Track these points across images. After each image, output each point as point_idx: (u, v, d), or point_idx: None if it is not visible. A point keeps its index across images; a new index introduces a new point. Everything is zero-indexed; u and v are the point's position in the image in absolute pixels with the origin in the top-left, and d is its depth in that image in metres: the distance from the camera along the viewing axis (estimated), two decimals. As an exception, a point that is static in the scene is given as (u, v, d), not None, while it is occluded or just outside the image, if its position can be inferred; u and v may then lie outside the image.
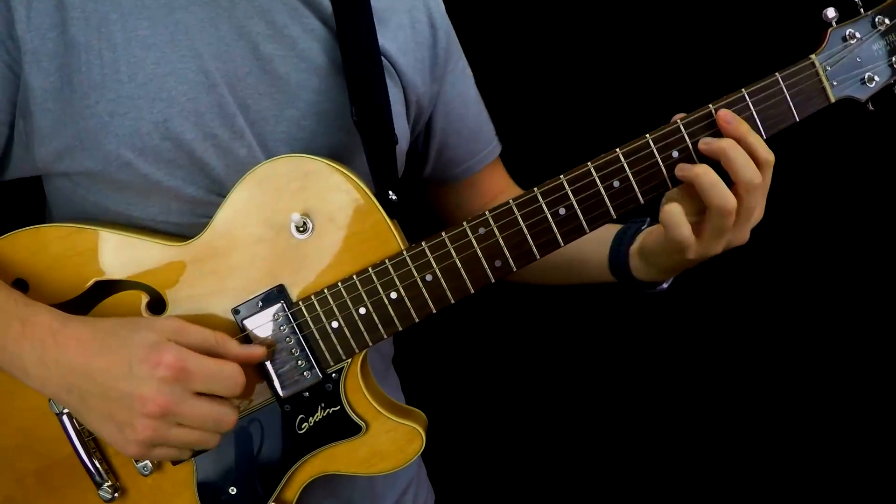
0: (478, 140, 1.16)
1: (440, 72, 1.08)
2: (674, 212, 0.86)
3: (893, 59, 0.91)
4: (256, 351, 0.88)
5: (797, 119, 0.90)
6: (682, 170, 0.87)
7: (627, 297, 1.04)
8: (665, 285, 1.03)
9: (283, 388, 0.91)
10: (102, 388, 0.80)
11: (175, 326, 0.83)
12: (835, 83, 0.90)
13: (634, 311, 1.72)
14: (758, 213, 0.89)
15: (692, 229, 0.87)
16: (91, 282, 0.90)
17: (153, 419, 0.80)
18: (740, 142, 0.86)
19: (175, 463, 0.92)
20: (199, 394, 0.82)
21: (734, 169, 0.85)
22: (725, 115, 0.87)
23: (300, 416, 0.92)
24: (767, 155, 0.87)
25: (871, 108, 0.92)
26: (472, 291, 0.90)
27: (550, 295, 1.09)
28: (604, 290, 1.04)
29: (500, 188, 1.20)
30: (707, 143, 0.87)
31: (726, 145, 0.86)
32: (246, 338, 0.90)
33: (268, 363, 0.90)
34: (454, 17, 1.12)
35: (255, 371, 0.90)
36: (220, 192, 0.92)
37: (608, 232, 1.04)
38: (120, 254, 0.91)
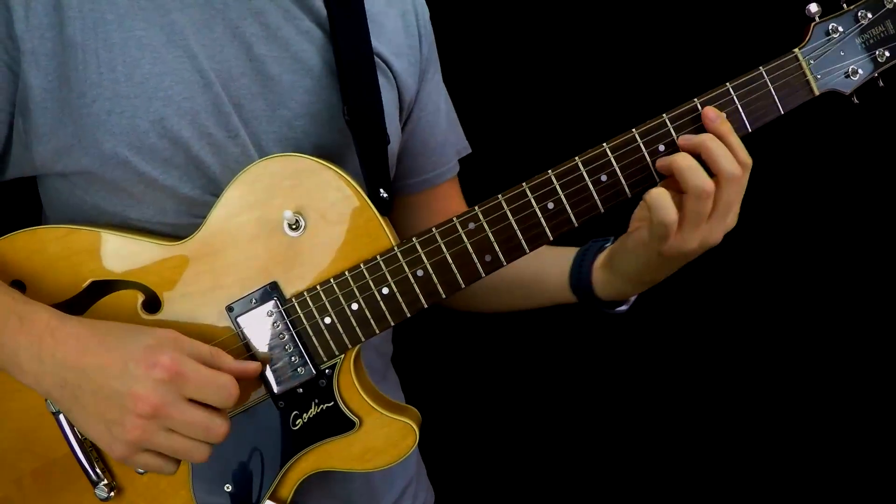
0: (442, 154, 1.16)
1: (421, 78, 1.09)
2: (660, 193, 0.86)
3: (876, 52, 0.93)
4: (251, 366, 0.88)
5: (782, 112, 0.91)
6: (662, 160, 0.88)
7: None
8: (625, 307, 1.02)
9: (276, 384, 0.91)
10: (96, 385, 0.81)
11: (172, 336, 0.84)
12: (819, 76, 0.92)
13: (634, 311, 1.72)
14: (732, 216, 0.89)
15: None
16: (88, 282, 0.92)
17: (143, 419, 0.80)
18: (722, 139, 0.87)
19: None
20: (192, 402, 0.82)
21: (714, 159, 0.86)
22: (710, 113, 0.87)
23: (294, 413, 0.93)
24: (746, 157, 0.87)
25: (855, 101, 0.94)
26: (463, 286, 0.91)
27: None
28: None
29: (455, 209, 1.18)
30: (687, 139, 0.88)
31: (706, 138, 0.86)
32: (243, 336, 0.91)
33: (262, 359, 0.91)
34: (439, 18, 1.13)
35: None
36: (215, 191, 0.93)
37: (568, 252, 1.03)
38: (116, 254, 0.92)
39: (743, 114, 0.90)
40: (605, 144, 0.89)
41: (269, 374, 0.91)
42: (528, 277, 1.06)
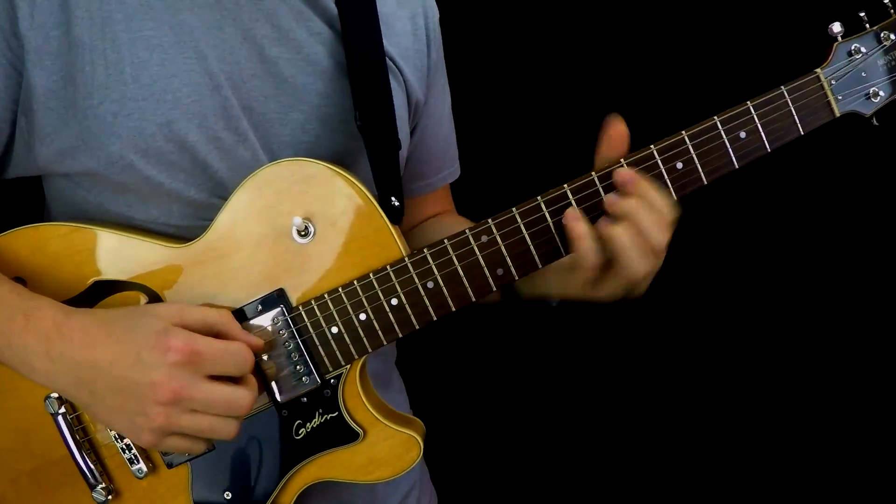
0: (444, 159, 1.16)
1: (428, 83, 1.08)
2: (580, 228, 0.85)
3: (898, 74, 0.91)
4: (256, 339, 0.87)
5: (802, 133, 0.90)
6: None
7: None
8: (554, 302, 1.00)
9: (280, 392, 0.90)
10: (112, 378, 0.80)
11: (175, 309, 0.83)
12: (840, 97, 0.90)
13: (636, 316, 1.72)
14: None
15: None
16: (90, 281, 0.90)
17: (166, 406, 0.79)
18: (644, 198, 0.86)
19: (171, 466, 0.91)
20: (211, 378, 0.81)
21: (646, 233, 0.85)
22: (625, 175, 0.86)
23: (298, 422, 0.92)
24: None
25: (875, 123, 0.92)
26: (474, 299, 0.89)
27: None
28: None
29: (443, 208, 1.20)
30: (612, 204, 0.86)
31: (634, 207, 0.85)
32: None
33: (266, 367, 0.90)
34: (444, 20, 1.12)
35: (254, 375, 0.89)
36: (223, 195, 0.91)
37: None
38: (120, 254, 0.90)
39: (763, 133, 0.88)
40: (622, 160, 0.88)
41: (272, 382, 0.90)
42: None
